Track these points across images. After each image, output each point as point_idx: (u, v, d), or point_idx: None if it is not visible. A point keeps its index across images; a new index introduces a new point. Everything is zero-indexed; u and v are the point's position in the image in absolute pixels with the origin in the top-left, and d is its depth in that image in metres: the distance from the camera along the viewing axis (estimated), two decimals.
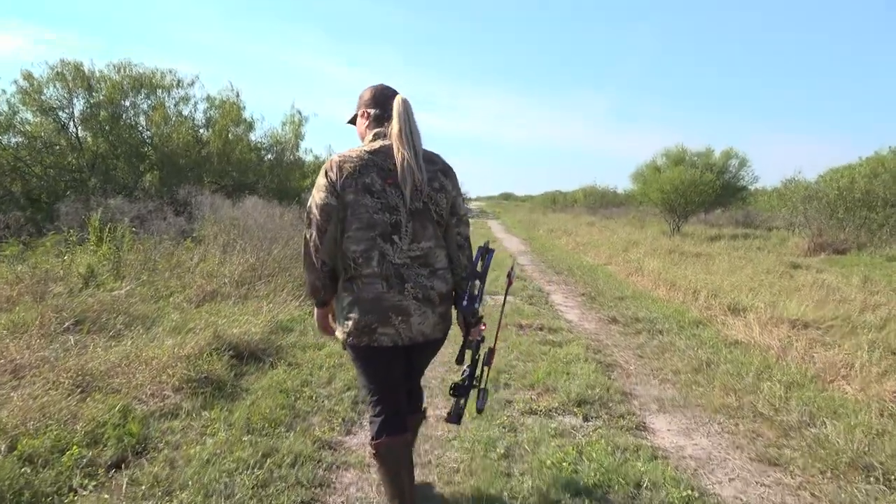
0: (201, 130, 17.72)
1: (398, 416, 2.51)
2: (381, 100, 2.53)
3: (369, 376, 2.48)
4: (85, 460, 2.98)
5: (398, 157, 2.36)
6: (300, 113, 19.65)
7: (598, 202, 41.17)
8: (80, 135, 16.14)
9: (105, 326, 5.42)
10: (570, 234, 20.16)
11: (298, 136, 19.46)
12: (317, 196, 2.37)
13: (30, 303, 5.90)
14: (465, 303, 2.48)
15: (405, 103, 2.43)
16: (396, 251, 2.34)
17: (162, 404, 3.76)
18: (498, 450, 3.43)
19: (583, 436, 3.66)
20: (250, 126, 18.60)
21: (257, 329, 5.23)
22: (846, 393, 4.43)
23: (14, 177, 15.19)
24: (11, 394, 3.65)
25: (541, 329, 6.34)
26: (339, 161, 2.37)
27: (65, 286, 6.65)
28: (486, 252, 2.57)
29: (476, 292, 2.51)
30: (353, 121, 2.66)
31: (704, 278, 9.55)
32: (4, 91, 15.68)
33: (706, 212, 25.40)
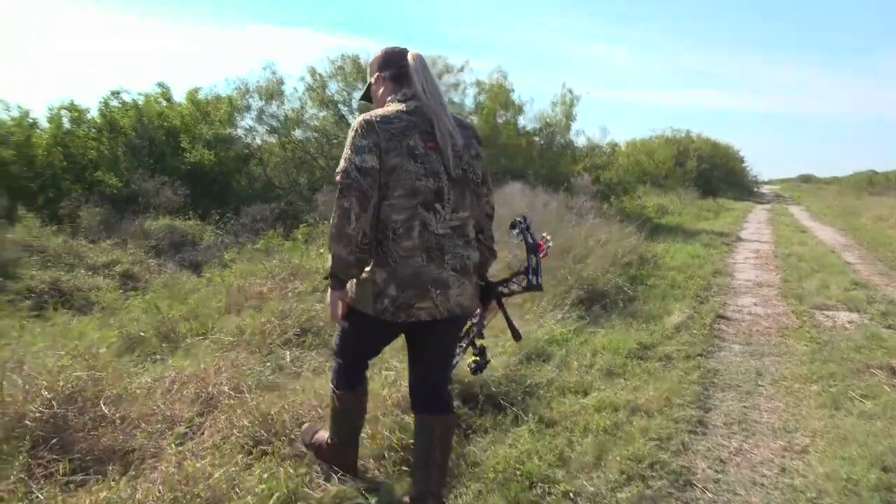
0: (471, 117, 17.22)
1: (364, 373, 2.55)
2: (393, 59, 2.37)
3: (363, 345, 2.44)
4: None
5: (431, 117, 2.22)
6: (571, 92, 18.07)
7: None
8: None
9: (329, 341, 4.54)
10: None
11: (569, 118, 17.92)
12: (356, 159, 2.11)
13: (275, 301, 5.30)
14: (530, 277, 2.51)
15: (420, 58, 2.31)
16: (439, 221, 2.20)
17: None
18: None
19: None
20: (520, 109, 17.61)
21: (501, 361, 3.90)
22: None
23: (301, 169, 16.06)
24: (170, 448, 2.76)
25: None
26: (379, 120, 2.17)
27: (310, 284, 6.05)
28: (526, 224, 2.60)
29: (535, 266, 2.53)
30: (365, 96, 2.49)
31: None
32: (296, 90, 16.67)
33: None
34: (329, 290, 2.26)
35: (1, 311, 5.79)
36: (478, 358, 2.73)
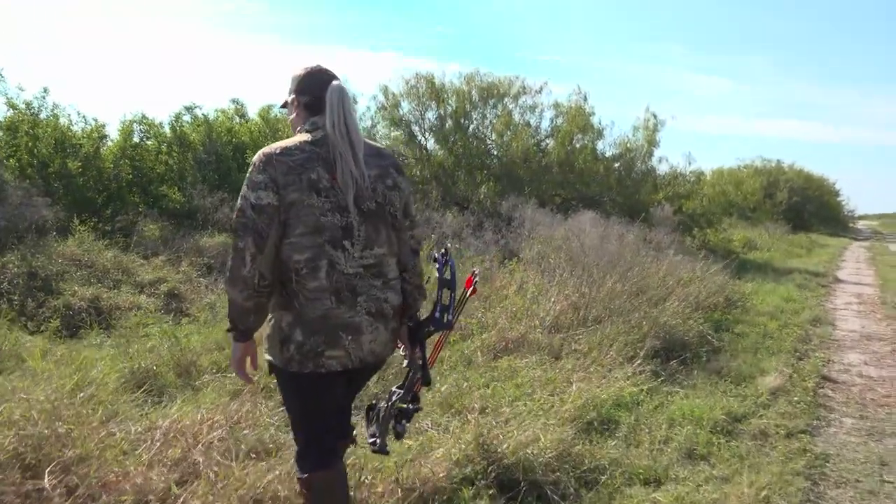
0: (547, 140, 16.49)
1: (332, 448, 2.18)
2: (314, 86, 2.12)
3: (303, 407, 2.13)
4: None
5: (335, 156, 2.03)
6: (655, 116, 17.01)
7: None
8: (428, 147, 16.12)
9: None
10: None
11: (652, 143, 16.87)
12: (252, 196, 1.95)
13: None
14: (436, 314, 2.24)
15: (341, 92, 2.07)
16: (348, 259, 2.02)
17: None
18: None
19: None
20: (599, 134, 16.73)
21: (553, 434, 3.15)
22: None
23: None
24: None
25: None
26: (279, 153, 1.99)
27: None
28: (446, 257, 2.31)
29: (447, 302, 2.26)
30: (285, 106, 2.27)
31: None
32: (369, 108, 16.36)
33: None
34: (233, 341, 2.09)
35: (29, 332, 5.49)
36: (407, 406, 2.31)
